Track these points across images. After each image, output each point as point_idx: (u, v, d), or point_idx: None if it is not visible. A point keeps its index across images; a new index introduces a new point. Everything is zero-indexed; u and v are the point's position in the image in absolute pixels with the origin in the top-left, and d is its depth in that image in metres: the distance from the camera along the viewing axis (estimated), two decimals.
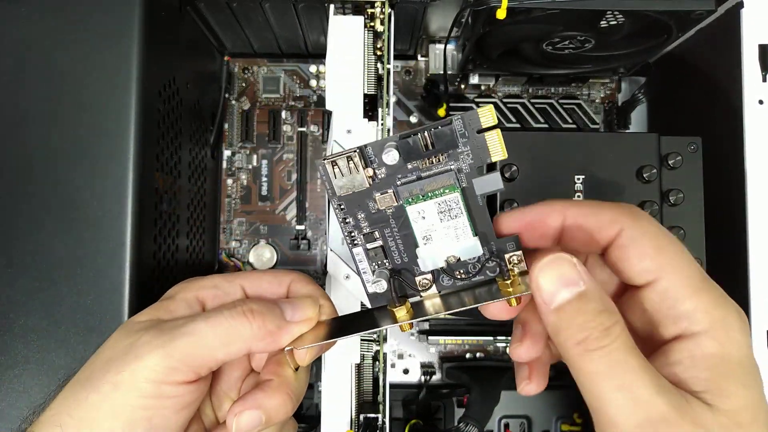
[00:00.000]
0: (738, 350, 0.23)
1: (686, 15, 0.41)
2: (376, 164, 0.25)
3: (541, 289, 0.24)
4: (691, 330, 0.23)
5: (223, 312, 0.27)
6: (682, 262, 0.24)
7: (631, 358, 0.22)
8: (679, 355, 0.23)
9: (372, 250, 0.27)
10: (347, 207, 0.26)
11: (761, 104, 0.40)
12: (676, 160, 0.39)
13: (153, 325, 0.28)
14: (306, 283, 0.31)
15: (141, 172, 0.35)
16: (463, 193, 0.26)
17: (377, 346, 0.41)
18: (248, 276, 0.31)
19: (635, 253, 0.24)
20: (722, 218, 0.42)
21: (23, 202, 0.34)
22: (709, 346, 0.23)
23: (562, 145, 0.39)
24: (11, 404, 0.33)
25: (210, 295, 0.30)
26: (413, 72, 0.59)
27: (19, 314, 0.34)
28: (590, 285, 0.23)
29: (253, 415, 0.27)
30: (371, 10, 0.42)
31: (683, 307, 0.23)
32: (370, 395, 0.43)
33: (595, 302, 0.23)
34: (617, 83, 0.58)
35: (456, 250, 0.26)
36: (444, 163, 0.25)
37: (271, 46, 0.56)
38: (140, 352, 0.26)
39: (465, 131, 0.25)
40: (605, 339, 0.22)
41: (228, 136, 0.58)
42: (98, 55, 0.35)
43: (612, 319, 0.23)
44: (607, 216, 0.25)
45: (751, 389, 0.23)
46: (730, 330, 0.23)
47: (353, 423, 0.39)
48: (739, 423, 0.22)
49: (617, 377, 0.22)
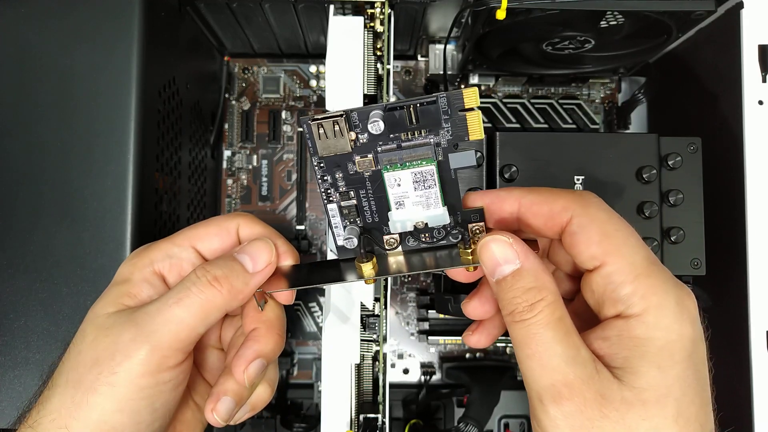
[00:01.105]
0: (664, 335, 0.24)
1: (686, 15, 0.41)
2: (359, 130, 0.27)
3: (485, 262, 0.27)
4: (627, 313, 0.25)
5: (190, 288, 0.28)
6: (626, 248, 0.26)
7: (547, 331, 0.24)
8: (611, 332, 0.25)
9: (346, 208, 0.29)
10: (327, 166, 0.28)
11: (761, 104, 0.40)
12: (675, 160, 0.39)
13: (127, 317, 0.28)
14: (252, 223, 0.31)
15: (141, 173, 0.35)
16: (439, 166, 0.27)
17: (377, 346, 0.41)
18: (196, 234, 0.31)
19: (583, 240, 0.26)
20: (722, 218, 0.42)
21: (23, 203, 0.34)
22: (636, 329, 0.24)
23: (561, 145, 0.39)
24: (11, 405, 0.33)
25: (166, 266, 0.30)
26: (413, 72, 0.59)
27: (19, 314, 0.34)
28: (526, 263, 0.26)
29: (257, 364, 0.30)
30: (371, 10, 0.42)
31: (623, 291, 0.25)
32: (369, 395, 0.43)
33: (526, 280, 0.25)
34: (617, 83, 0.58)
35: (425, 217, 0.28)
36: (425, 136, 0.27)
37: (271, 46, 0.56)
38: (128, 351, 0.26)
39: (448, 109, 0.26)
40: (528, 313, 0.25)
41: (228, 136, 0.58)
42: (98, 56, 0.35)
43: (539, 295, 0.25)
44: (560, 204, 0.27)
45: (665, 372, 0.24)
46: (661, 316, 0.24)
47: (353, 423, 0.39)
48: (643, 400, 0.24)
49: (531, 347, 0.25)
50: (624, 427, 0.23)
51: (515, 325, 0.25)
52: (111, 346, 0.27)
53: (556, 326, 0.25)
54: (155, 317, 0.27)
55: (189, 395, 0.32)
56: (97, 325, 0.28)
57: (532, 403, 0.25)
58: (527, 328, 0.25)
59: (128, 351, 0.26)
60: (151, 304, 0.28)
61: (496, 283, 0.26)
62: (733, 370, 0.41)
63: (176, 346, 0.27)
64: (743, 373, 0.40)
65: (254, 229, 0.31)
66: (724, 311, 0.42)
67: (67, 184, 0.35)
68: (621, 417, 0.23)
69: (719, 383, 0.43)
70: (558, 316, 0.25)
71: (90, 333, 0.28)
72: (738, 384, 0.40)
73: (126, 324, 0.27)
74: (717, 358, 0.43)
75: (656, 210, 0.39)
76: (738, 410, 0.40)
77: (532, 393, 0.25)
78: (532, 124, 0.54)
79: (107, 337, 0.27)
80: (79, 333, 0.28)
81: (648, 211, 0.39)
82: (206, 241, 0.31)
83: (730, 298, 0.41)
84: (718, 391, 0.31)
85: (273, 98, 0.58)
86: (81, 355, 0.27)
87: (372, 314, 0.41)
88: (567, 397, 0.24)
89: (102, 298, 0.29)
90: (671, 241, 0.39)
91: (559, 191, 0.27)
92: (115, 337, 0.27)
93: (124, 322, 0.27)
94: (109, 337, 0.27)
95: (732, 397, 0.41)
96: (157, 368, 0.27)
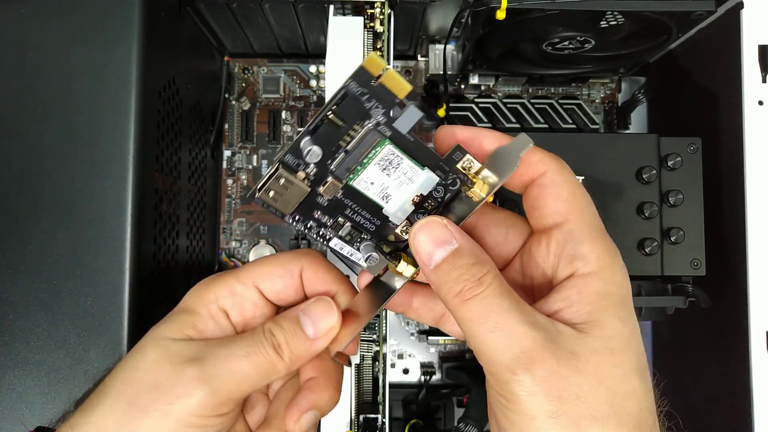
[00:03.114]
0: (619, 290, 0.26)
1: (686, 15, 0.41)
2: (302, 166, 0.26)
3: (419, 252, 0.26)
4: (583, 270, 0.26)
5: (258, 347, 0.28)
6: (588, 211, 0.27)
7: (503, 300, 0.24)
8: (569, 291, 0.26)
9: (347, 235, 0.28)
10: (302, 215, 0.27)
11: (761, 105, 0.40)
12: (675, 160, 0.39)
13: (194, 353, 0.27)
14: (316, 267, 0.31)
15: (141, 173, 0.35)
16: (393, 141, 0.26)
17: (377, 346, 0.41)
18: (259, 273, 0.30)
19: (552, 194, 0.27)
20: (722, 219, 0.42)
21: (23, 203, 0.34)
22: (595, 285, 0.25)
23: (561, 145, 0.39)
24: (11, 405, 0.33)
25: (229, 303, 0.30)
26: (413, 72, 0.59)
27: (19, 315, 0.34)
28: (462, 241, 0.26)
29: (310, 416, 0.29)
30: (371, 10, 0.42)
31: (582, 249, 0.26)
32: (369, 395, 0.43)
33: (467, 257, 0.26)
34: (617, 83, 0.58)
35: (416, 190, 0.27)
36: (361, 126, 0.26)
37: (271, 47, 0.56)
38: (190, 387, 0.26)
39: (362, 89, 0.25)
40: (478, 288, 0.25)
41: (228, 137, 0.58)
42: (98, 56, 0.35)
43: (483, 269, 0.25)
44: (537, 156, 0.27)
45: (625, 322, 0.25)
46: (615, 274, 0.26)
47: (353, 423, 0.39)
48: (611, 348, 0.24)
49: (491, 319, 0.24)
50: (597, 378, 0.24)
51: (466, 304, 0.25)
52: (173, 375, 0.27)
53: (508, 295, 0.25)
54: (223, 363, 0.27)
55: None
56: (161, 348, 0.28)
57: (500, 378, 0.24)
58: (482, 301, 0.24)
59: (190, 387, 0.26)
60: (220, 348, 0.28)
61: (434, 270, 0.26)
62: (733, 370, 0.41)
63: (233, 396, 0.27)
64: (743, 373, 0.40)
65: (317, 273, 0.31)
66: (724, 311, 0.42)
67: (67, 185, 0.35)
68: (594, 368, 0.24)
69: (719, 383, 0.43)
70: (506, 286, 0.25)
71: (152, 353, 0.28)
72: (738, 384, 0.40)
73: (192, 359, 0.27)
74: (717, 358, 0.43)
75: (656, 210, 0.39)
76: (738, 410, 0.40)
77: (500, 368, 0.24)
78: (532, 124, 0.54)
79: (171, 364, 0.27)
80: (139, 349, 0.28)
81: (648, 212, 0.39)
82: (269, 282, 0.30)
83: (730, 298, 0.41)
84: (718, 391, 0.31)
85: (273, 98, 0.58)
86: (139, 372, 0.27)
87: None
88: (539, 361, 0.23)
89: (166, 322, 0.29)
90: (671, 241, 0.39)
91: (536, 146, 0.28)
92: (179, 368, 0.27)
93: (190, 357, 0.27)
94: (172, 365, 0.27)
95: (732, 397, 0.41)
96: (210, 412, 0.27)
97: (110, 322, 0.34)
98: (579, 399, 0.23)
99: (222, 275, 0.31)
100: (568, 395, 0.23)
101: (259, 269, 0.31)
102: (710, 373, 0.45)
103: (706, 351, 0.46)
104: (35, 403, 0.33)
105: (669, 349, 0.53)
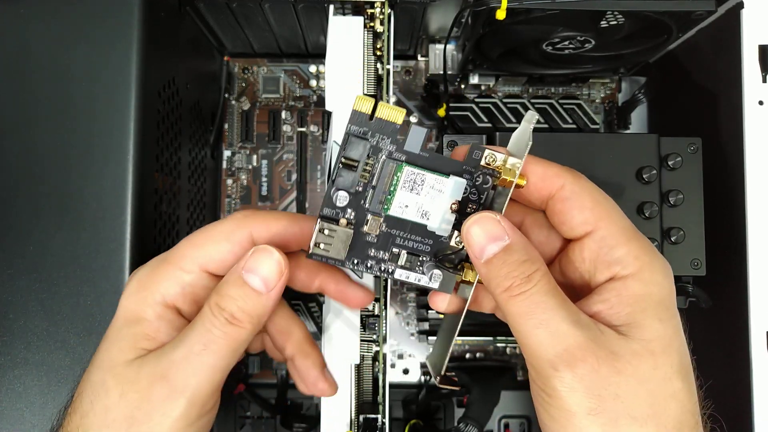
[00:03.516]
0: (659, 291, 0.26)
1: (686, 15, 0.41)
2: (340, 213, 0.28)
3: (472, 245, 0.27)
4: (622, 273, 0.26)
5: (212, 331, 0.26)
6: (616, 214, 0.27)
7: (550, 298, 0.25)
8: (608, 294, 0.26)
9: (406, 262, 0.29)
10: (359, 257, 0.29)
11: (761, 105, 0.40)
12: (676, 161, 0.39)
13: (152, 368, 0.26)
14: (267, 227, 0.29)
15: (140, 173, 0.35)
16: (410, 163, 0.28)
17: (377, 347, 0.41)
18: (205, 255, 0.28)
19: (576, 205, 0.27)
20: (722, 219, 0.42)
21: (23, 203, 0.34)
22: (634, 287, 0.26)
23: (561, 145, 0.39)
24: (11, 405, 0.33)
25: (179, 298, 0.28)
26: (413, 72, 0.59)
27: (19, 315, 0.34)
28: (514, 238, 0.26)
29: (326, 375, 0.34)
30: (371, 10, 0.42)
31: (617, 253, 0.26)
32: (369, 395, 0.43)
33: (518, 253, 0.26)
34: (617, 83, 0.58)
35: (449, 198, 0.28)
36: (376, 159, 0.27)
37: (271, 46, 0.56)
38: (165, 410, 0.26)
39: (362, 128, 0.27)
40: (527, 285, 0.25)
41: (228, 136, 0.58)
42: (98, 56, 0.35)
43: (533, 267, 0.25)
44: (554, 170, 0.28)
45: (665, 323, 0.25)
46: (654, 273, 0.26)
47: (353, 423, 0.39)
48: (651, 351, 0.25)
49: (537, 315, 0.25)
50: (637, 379, 0.24)
51: (514, 300, 0.25)
52: (144, 404, 0.26)
53: (555, 293, 0.25)
54: (185, 368, 0.26)
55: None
56: (119, 377, 0.26)
57: (542, 373, 0.25)
58: (530, 298, 0.25)
59: (165, 409, 0.26)
60: (175, 351, 0.26)
61: (485, 264, 0.26)
62: (733, 370, 0.41)
63: (211, 391, 0.27)
64: (743, 373, 0.40)
65: (270, 230, 0.29)
66: (724, 311, 0.42)
67: (66, 185, 0.35)
68: (634, 370, 0.24)
69: (719, 383, 0.43)
70: (554, 284, 0.26)
71: (114, 387, 0.26)
72: (738, 384, 0.40)
73: (154, 378, 0.26)
74: (717, 359, 0.43)
75: (656, 210, 0.39)
76: (738, 410, 0.40)
77: (542, 363, 0.24)
78: None
79: (136, 393, 0.26)
80: (99, 385, 0.27)
81: (648, 212, 0.39)
82: (219, 262, 0.28)
83: (730, 298, 0.41)
84: (718, 392, 0.31)
85: (273, 98, 0.58)
86: (110, 412, 0.26)
87: (372, 314, 0.41)
88: (581, 359, 0.24)
89: (115, 341, 0.28)
90: (671, 241, 0.39)
91: (548, 162, 0.28)
92: (145, 393, 0.26)
93: (150, 375, 0.26)
94: (138, 393, 0.26)
95: (732, 397, 0.41)
96: (196, 417, 0.26)
97: (110, 322, 0.34)
98: (618, 398, 0.24)
99: (159, 266, 0.29)
100: (607, 394, 0.24)
101: (203, 249, 0.28)
102: (710, 374, 0.45)
103: (706, 351, 0.45)
104: (35, 403, 0.33)
105: None
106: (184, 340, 0.27)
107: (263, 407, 0.53)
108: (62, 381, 0.34)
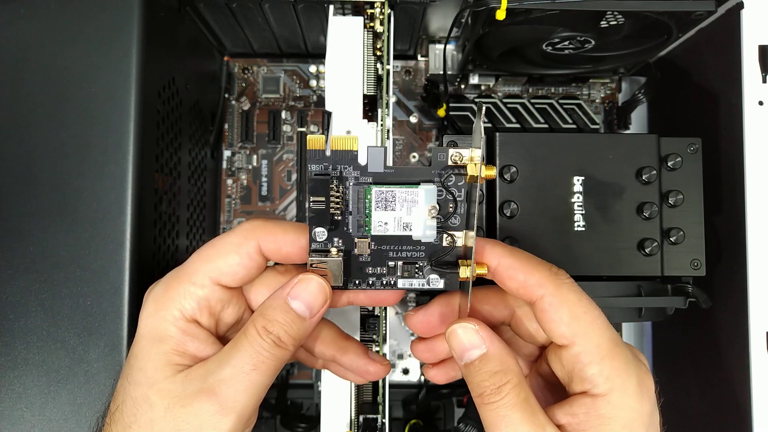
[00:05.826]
0: (628, 414, 0.26)
1: (686, 15, 0.41)
2: (327, 243, 0.29)
3: (453, 348, 0.28)
4: (593, 392, 0.27)
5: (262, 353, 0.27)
6: (593, 330, 0.27)
7: (515, 413, 0.26)
8: (578, 409, 0.27)
9: (405, 272, 0.30)
10: (358, 279, 0.30)
11: (761, 105, 0.40)
12: (675, 161, 0.39)
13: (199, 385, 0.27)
14: (273, 237, 0.29)
15: (140, 173, 0.35)
16: (377, 182, 0.28)
17: (377, 347, 0.41)
18: (215, 269, 0.29)
19: (554, 319, 0.28)
20: (722, 219, 0.42)
21: (23, 203, 0.34)
22: (603, 408, 0.26)
23: (562, 145, 0.39)
24: (11, 405, 0.33)
25: (197, 312, 0.29)
26: (413, 72, 0.59)
27: (19, 315, 0.34)
28: (491, 348, 0.27)
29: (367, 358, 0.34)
30: (371, 10, 0.42)
31: (590, 371, 0.27)
32: (369, 395, 0.43)
33: (492, 364, 0.27)
34: (617, 83, 0.58)
35: (425, 207, 0.29)
36: (345, 188, 0.28)
37: (271, 46, 0.56)
38: (216, 425, 0.26)
39: (321, 165, 0.28)
40: (496, 396, 0.26)
41: (228, 136, 0.58)
42: (98, 56, 0.35)
43: (505, 378, 0.27)
44: (535, 278, 0.28)
45: None
46: (625, 396, 0.27)
47: (353, 423, 0.39)
48: None
49: (500, 428, 0.26)
50: None
51: (484, 407, 0.27)
52: (193, 419, 0.26)
53: (522, 407, 0.26)
54: (234, 386, 0.27)
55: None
56: (163, 392, 0.27)
57: None
58: (495, 410, 0.26)
59: (215, 425, 0.26)
60: (223, 370, 0.27)
61: (464, 367, 0.28)
62: (733, 370, 0.41)
63: (256, 407, 0.28)
64: (743, 374, 0.40)
65: (276, 241, 0.29)
66: (724, 311, 0.42)
67: (66, 185, 0.35)
68: None
69: (719, 384, 0.43)
70: (523, 397, 0.26)
71: (158, 402, 0.27)
72: (738, 384, 0.40)
73: (202, 394, 0.27)
74: (717, 359, 0.43)
75: (656, 211, 0.39)
76: (738, 410, 0.40)
77: None
78: (532, 124, 0.54)
79: (183, 408, 0.27)
80: (142, 400, 0.27)
81: (648, 212, 0.39)
82: (230, 275, 0.29)
83: (730, 298, 0.41)
84: (717, 392, 0.31)
85: (273, 98, 0.58)
86: (156, 425, 0.27)
87: (372, 314, 0.41)
88: None
89: (148, 360, 0.28)
90: (671, 241, 0.39)
91: (536, 262, 0.29)
92: (194, 408, 0.26)
93: (198, 392, 0.27)
94: (186, 408, 0.27)
95: (732, 397, 0.41)
96: (243, 430, 0.28)
97: (110, 322, 0.34)
98: None
99: (172, 283, 0.29)
100: None
101: (213, 264, 0.29)
102: (710, 374, 0.45)
103: (706, 351, 0.45)
104: (35, 403, 0.33)
105: (669, 350, 0.53)
106: (232, 360, 0.27)
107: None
108: (62, 381, 0.34)
